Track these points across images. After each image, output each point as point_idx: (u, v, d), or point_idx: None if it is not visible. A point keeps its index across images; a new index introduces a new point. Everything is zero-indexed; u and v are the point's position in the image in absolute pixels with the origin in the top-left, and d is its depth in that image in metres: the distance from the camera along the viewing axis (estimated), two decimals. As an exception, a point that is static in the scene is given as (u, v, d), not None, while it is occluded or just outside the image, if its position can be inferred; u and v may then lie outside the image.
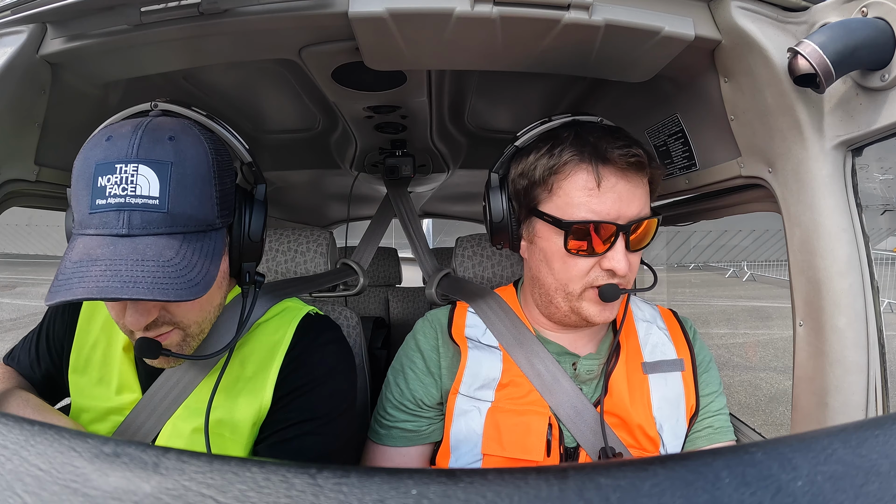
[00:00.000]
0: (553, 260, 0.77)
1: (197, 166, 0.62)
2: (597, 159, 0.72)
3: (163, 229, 0.59)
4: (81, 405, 0.77)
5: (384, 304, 2.38)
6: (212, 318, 0.72)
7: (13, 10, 0.73)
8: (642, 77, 0.87)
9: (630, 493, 0.22)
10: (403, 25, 0.70)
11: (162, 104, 0.72)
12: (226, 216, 0.67)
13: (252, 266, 0.74)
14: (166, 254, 0.58)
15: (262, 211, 0.73)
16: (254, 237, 0.71)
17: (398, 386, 0.88)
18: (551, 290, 0.80)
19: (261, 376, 0.75)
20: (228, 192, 0.68)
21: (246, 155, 0.75)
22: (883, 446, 0.25)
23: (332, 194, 2.35)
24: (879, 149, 0.66)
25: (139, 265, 0.56)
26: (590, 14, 0.69)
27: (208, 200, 0.63)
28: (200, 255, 0.61)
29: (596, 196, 0.73)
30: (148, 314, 0.63)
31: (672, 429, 0.82)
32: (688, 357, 0.88)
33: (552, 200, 0.76)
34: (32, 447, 0.23)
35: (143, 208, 0.58)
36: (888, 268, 10.28)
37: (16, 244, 17.17)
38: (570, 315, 0.80)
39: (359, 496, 0.21)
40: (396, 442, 0.87)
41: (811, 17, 0.68)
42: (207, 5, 0.67)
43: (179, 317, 0.67)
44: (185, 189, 0.60)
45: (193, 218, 0.61)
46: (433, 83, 1.11)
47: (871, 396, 0.68)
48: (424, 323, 0.92)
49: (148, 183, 0.58)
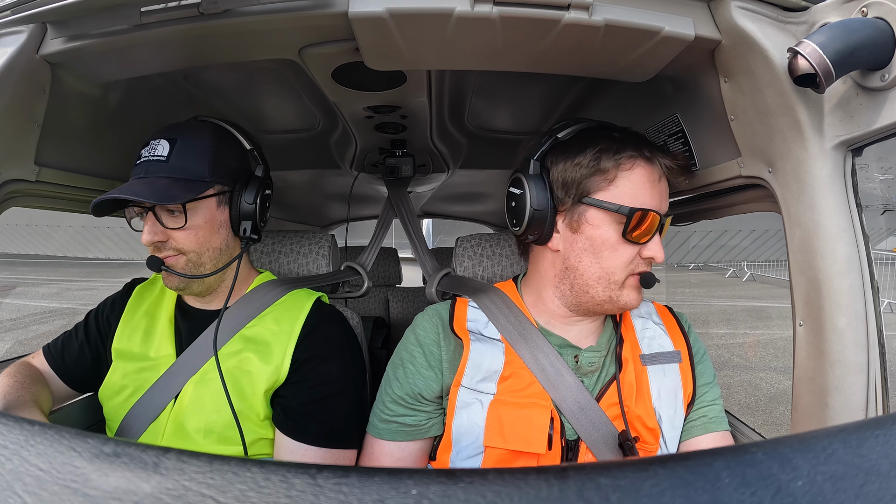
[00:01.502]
0: (602, 248, 0.81)
1: (197, 142, 0.91)
2: (655, 157, 0.82)
3: (164, 174, 0.87)
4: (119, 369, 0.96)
5: (384, 304, 2.38)
6: (210, 254, 0.92)
7: (13, 10, 0.73)
8: (642, 77, 0.87)
9: (630, 493, 0.22)
10: (403, 25, 0.70)
11: (200, 117, 1.01)
12: (218, 177, 0.91)
13: (248, 224, 0.96)
14: (159, 184, 0.85)
15: (257, 184, 0.96)
16: (246, 201, 0.95)
17: (398, 380, 0.88)
18: (592, 279, 0.82)
19: (281, 339, 0.93)
20: (225, 165, 0.93)
21: (246, 144, 0.99)
22: (883, 446, 0.25)
23: (332, 194, 2.35)
24: (879, 149, 0.66)
25: (140, 186, 0.84)
26: (590, 14, 0.69)
27: (202, 162, 0.90)
28: (181, 189, 0.86)
29: (653, 188, 0.81)
30: (154, 234, 0.87)
31: (670, 419, 0.84)
32: (684, 349, 0.90)
33: (610, 190, 0.80)
34: (32, 447, 0.23)
35: (156, 162, 0.88)
36: (888, 268, 10.29)
37: (16, 244, 17.18)
38: (604, 304, 0.83)
39: (359, 496, 0.21)
40: (395, 436, 0.87)
41: (811, 17, 0.68)
42: (207, 5, 0.67)
43: (179, 244, 0.89)
44: (185, 153, 0.89)
45: (186, 170, 0.88)
46: (433, 83, 1.11)
47: (871, 396, 0.68)
48: (424, 317, 0.92)
49: (163, 148, 0.88)
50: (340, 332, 0.98)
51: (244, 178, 0.96)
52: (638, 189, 0.80)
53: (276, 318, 0.95)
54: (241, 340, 0.92)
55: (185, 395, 0.90)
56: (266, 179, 0.99)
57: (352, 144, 1.52)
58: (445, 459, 0.83)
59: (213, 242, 0.92)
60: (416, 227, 1.53)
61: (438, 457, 0.84)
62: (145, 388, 0.92)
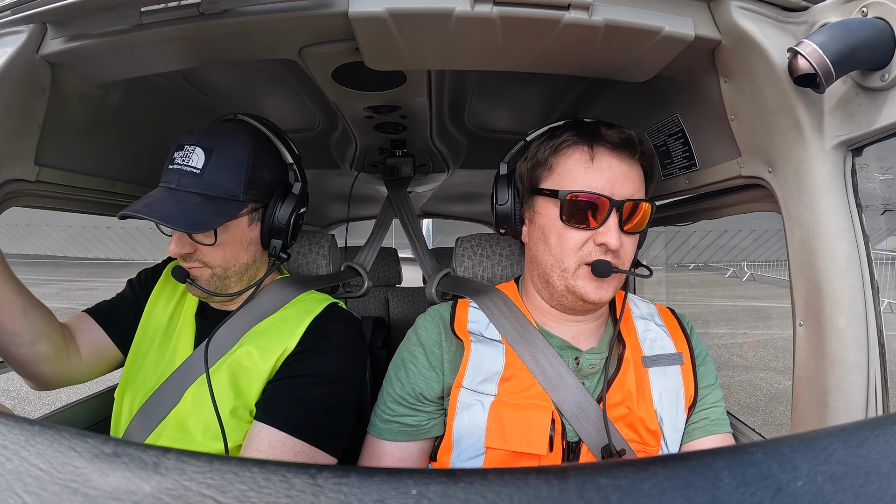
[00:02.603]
0: (550, 234, 0.83)
1: (233, 155, 0.87)
2: (590, 138, 0.82)
3: (196, 189, 0.84)
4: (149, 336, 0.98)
5: (384, 304, 2.38)
6: (236, 269, 0.92)
7: (13, 10, 0.73)
8: (642, 77, 0.87)
9: (630, 493, 0.22)
10: (403, 25, 0.70)
11: (241, 115, 0.97)
12: (252, 195, 0.88)
13: (279, 242, 0.94)
14: (190, 202, 0.82)
15: (293, 201, 0.94)
16: (279, 219, 0.93)
17: (399, 380, 0.88)
18: (548, 267, 0.84)
19: (284, 336, 0.91)
20: (261, 180, 0.90)
21: (288, 157, 0.96)
22: (883, 446, 0.25)
23: (332, 194, 2.35)
24: (879, 149, 0.66)
25: (171, 205, 0.81)
26: (590, 14, 0.68)
27: (236, 179, 0.86)
28: (212, 211, 0.83)
29: (591, 171, 0.80)
30: (181, 246, 0.86)
31: (671, 421, 0.83)
32: (686, 351, 0.90)
33: (551, 178, 0.84)
34: (32, 447, 0.23)
35: (189, 174, 0.84)
36: (888, 268, 10.29)
37: (16, 244, 17.18)
38: (566, 294, 0.84)
39: (359, 496, 0.21)
40: (396, 436, 0.87)
41: (811, 17, 0.68)
42: (207, 5, 0.67)
43: (206, 257, 0.88)
44: (219, 168, 0.85)
45: (220, 187, 0.85)
46: (433, 83, 1.11)
47: (871, 396, 0.68)
48: (426, 318, 0.93)
49: (197, 158, 0.84)
50: (344, 330, 0.95)
51: (280, 192, 0.93)
52: (575, 174, 0.81)
53: (285, 318, 0.94)
54: (248, 338, 0.92)
55: (188, 395, 0.90)
56: (303, 196, 0.97)
57: (352, 144, 1.52)
58: (446, 461, 0.83)
59: (240, 258, 0.91)
60: (416, 227, 1.53)
61: (439, 458, 0.84)
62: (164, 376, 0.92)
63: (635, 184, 0.82)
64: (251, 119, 0.96)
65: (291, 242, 0.97)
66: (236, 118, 0.97)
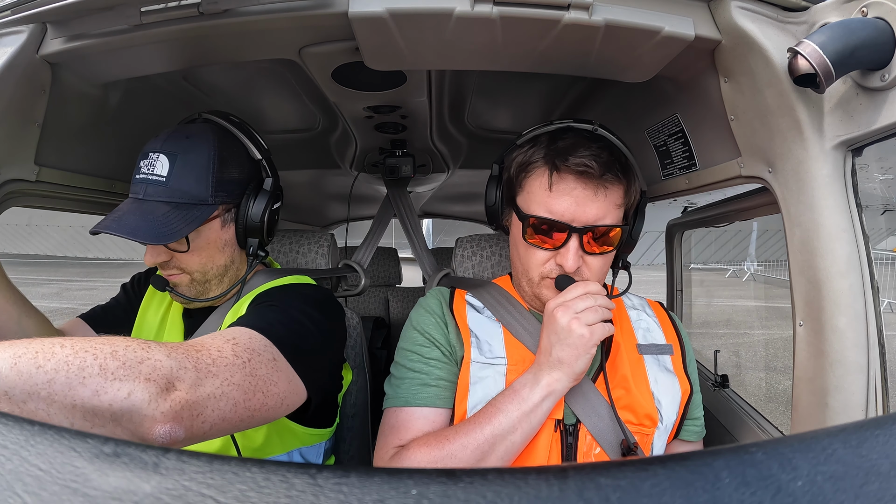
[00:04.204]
0: (518, 246, 0.87)
1: (197, 158, 0.84)
2: (554, 164, 0.80)
3: (163, 198, 0.81)
4: None
5: (384, 304, 2.38)
6: (215, 272, 0.90)
7: (13, 10, 0.73)
8: (642, 77, 0.87)
9: (630, 493, 0.22)
10: (403, 25, 0.70)
11: (205, 114, 0.94)
12: (222, 196, 0.86)
13: (255, 241, 0.92)
14: (158, 213, 0.80)
15: (266, 198, 0.91)
16: (253, 217, 0.90)
17: (417, 335, 0.88)
18: (519, 273, 0.89)
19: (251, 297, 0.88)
20: (229, 180, 0.87)
21: (257, 154, 0.92)
22: (883, 446, 0.25)
23: (332, 194, 2.35)
24: (879, 149, 0.66)
25: (139, 217, 0.79)
26: (590, 14, 0.68)
27: (203, 183, 0.84)
28: (181, 219, 0.81)
29: (552, 197, 0.81)
30: (156, 256, 0.85)
31: (669, 405, 0.85)
32: (676, 344, 0.92)
33: (520, 195, 0.86)
34: (32, 447, 0.23)
35: (155, 182, 0.82)
36: (888, 268, 10.27)
37: (16, 244, 17.18)
38: (533, 300, 0.88)
39: (359, 496, 0.21)
40: (419, 397, 0.83)
41: (811, 17, 0.68)
42: (207, 5, 0.67)
43: (182, 263, 0.86)
44: (184, 173, 0.82)
45: (187, 193, 0.82)
46: (433, 83, 1.11)
47: (871, 396, 0.68)
48: (429, 295, 0.96)
49: (161, 166, 0.82)
50: (313, 289, 0.90)
51: (251, 189, 0.91)
52: (538, 196, 0.82)
53: (258, 291, 0.90)
54: (229, 318, 0.90)
55: None
56: (276, 191, 0.94)
57: (352, 144, 1.52)
58: None
59: (217, 261, 0.90)
60: (416, 227, 1.53)
61: None
62: None
63: (601, 208, 0.79)
64: (216, 117, 0.93)
65: (269, 239, 0.95)
66: (201, 118, 0.94)
